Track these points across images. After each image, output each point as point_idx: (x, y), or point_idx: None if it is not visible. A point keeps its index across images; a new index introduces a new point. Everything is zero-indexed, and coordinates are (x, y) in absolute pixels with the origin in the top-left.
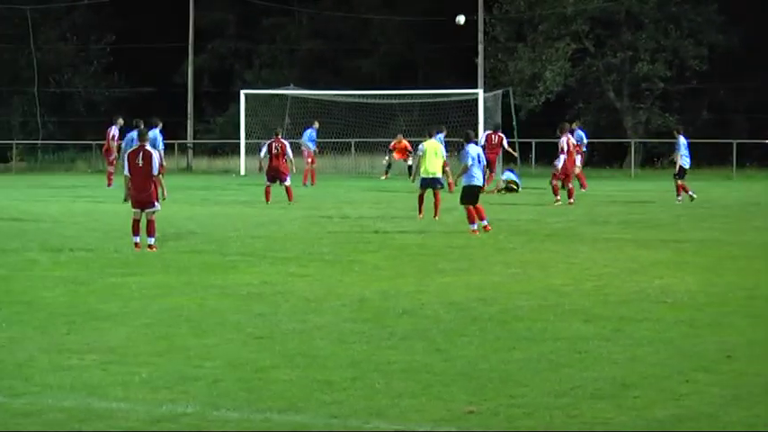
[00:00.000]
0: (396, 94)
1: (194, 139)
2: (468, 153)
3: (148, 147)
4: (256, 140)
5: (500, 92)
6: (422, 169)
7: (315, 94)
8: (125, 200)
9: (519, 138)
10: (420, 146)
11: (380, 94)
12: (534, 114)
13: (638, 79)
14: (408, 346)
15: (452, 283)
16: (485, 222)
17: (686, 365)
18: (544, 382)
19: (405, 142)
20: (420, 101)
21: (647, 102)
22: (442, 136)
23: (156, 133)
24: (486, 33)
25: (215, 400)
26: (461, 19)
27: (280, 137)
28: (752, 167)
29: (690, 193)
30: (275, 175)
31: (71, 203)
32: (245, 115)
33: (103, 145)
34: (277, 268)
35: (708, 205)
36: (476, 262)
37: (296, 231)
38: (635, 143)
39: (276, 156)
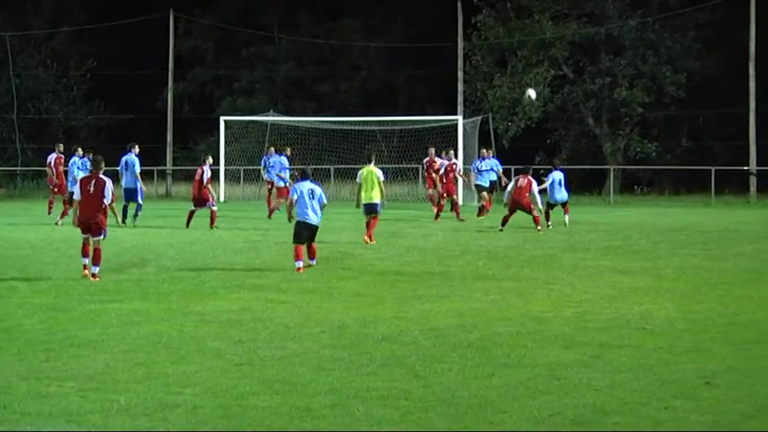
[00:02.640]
0: (375, 121)
1: (174, 165)
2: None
3: (102, 175)
4: (237, 167)
5: (479, 118)
6: (362, 196)
7: (294, 121)
8: (74, 224)
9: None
10: (359, 173)
11: (360, 121)
12: (515, 140)
13: (616, 105)
14: (387, 372)
15: (432, 310)
16: (313, 262)
17: (665, 392)
18: (523, 409)
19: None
20: (400, 127)
21: (626, 128)
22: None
23: (132, 158)
24: (465, 60)
25: (194, 427)
26: (533, 94)
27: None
28: (730, 194)
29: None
30: (198, 201)
31: (50, 231)
32: (225, 142)
33: (46, 173)
34: (256, 295)
35: (687, 232)
36: (455, 288)
37: (275, 258)
38: (614, 170)
39: (199, 181)
